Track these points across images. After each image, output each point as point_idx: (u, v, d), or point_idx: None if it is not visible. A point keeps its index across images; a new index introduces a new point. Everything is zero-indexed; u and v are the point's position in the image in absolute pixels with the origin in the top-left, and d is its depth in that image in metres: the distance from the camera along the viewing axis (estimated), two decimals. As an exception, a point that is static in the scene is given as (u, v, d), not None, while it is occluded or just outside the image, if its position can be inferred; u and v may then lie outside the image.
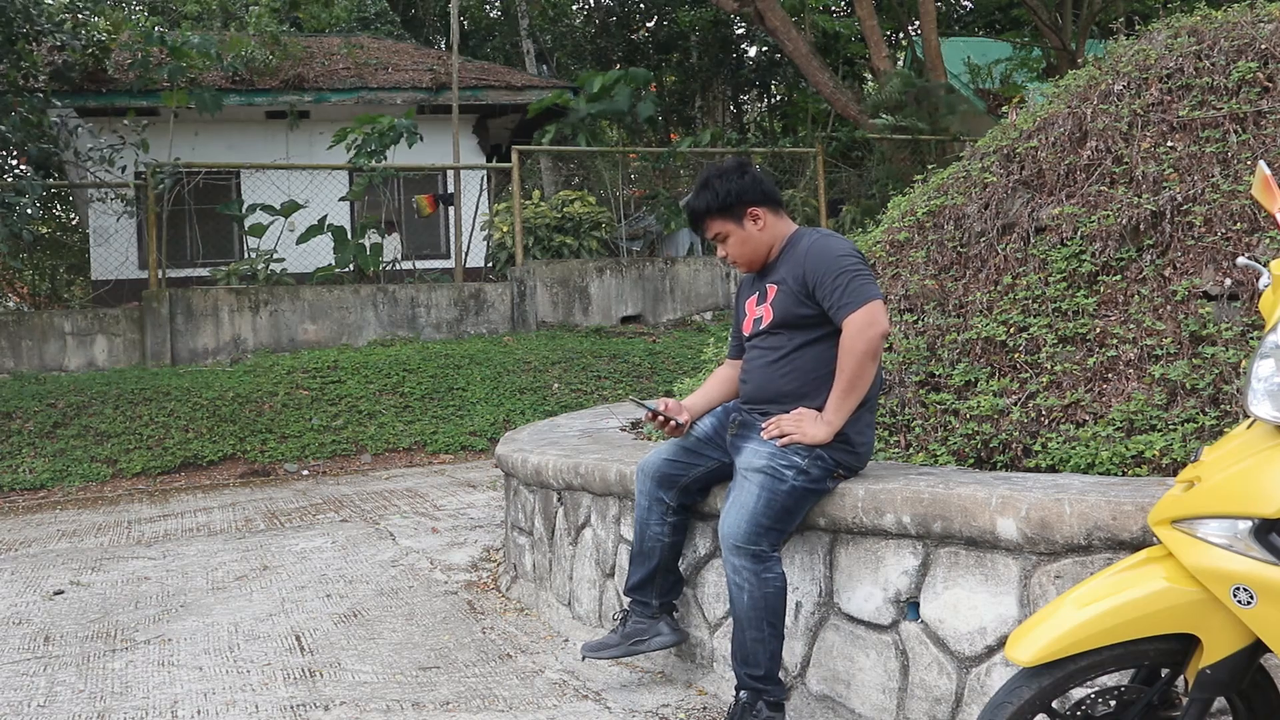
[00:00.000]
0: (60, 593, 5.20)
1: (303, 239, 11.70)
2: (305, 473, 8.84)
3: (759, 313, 3.25)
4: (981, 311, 3.76)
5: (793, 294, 3.13)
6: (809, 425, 3.02)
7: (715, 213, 3.21)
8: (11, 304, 19.56)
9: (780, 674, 3.06)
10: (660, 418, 3.34)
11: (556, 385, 10.17)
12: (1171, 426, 3.01)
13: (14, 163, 12.83)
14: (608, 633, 3.57)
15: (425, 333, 11.49)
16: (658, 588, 3.46)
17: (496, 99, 15.01)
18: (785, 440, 3.03)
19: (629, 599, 3.51)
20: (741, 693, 3.03)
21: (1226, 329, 3.18)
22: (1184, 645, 1.95)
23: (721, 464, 3.31)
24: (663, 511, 3.40)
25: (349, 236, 11.84)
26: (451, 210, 13.06)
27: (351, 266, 11.87)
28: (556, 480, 4.25)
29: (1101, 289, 3.57)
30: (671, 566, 3.48)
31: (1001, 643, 2.61)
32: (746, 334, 3.32)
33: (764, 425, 3.11)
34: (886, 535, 2.92)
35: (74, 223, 20.19)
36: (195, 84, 13.07)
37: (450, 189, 13.43)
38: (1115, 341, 3.36)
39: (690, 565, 3.59)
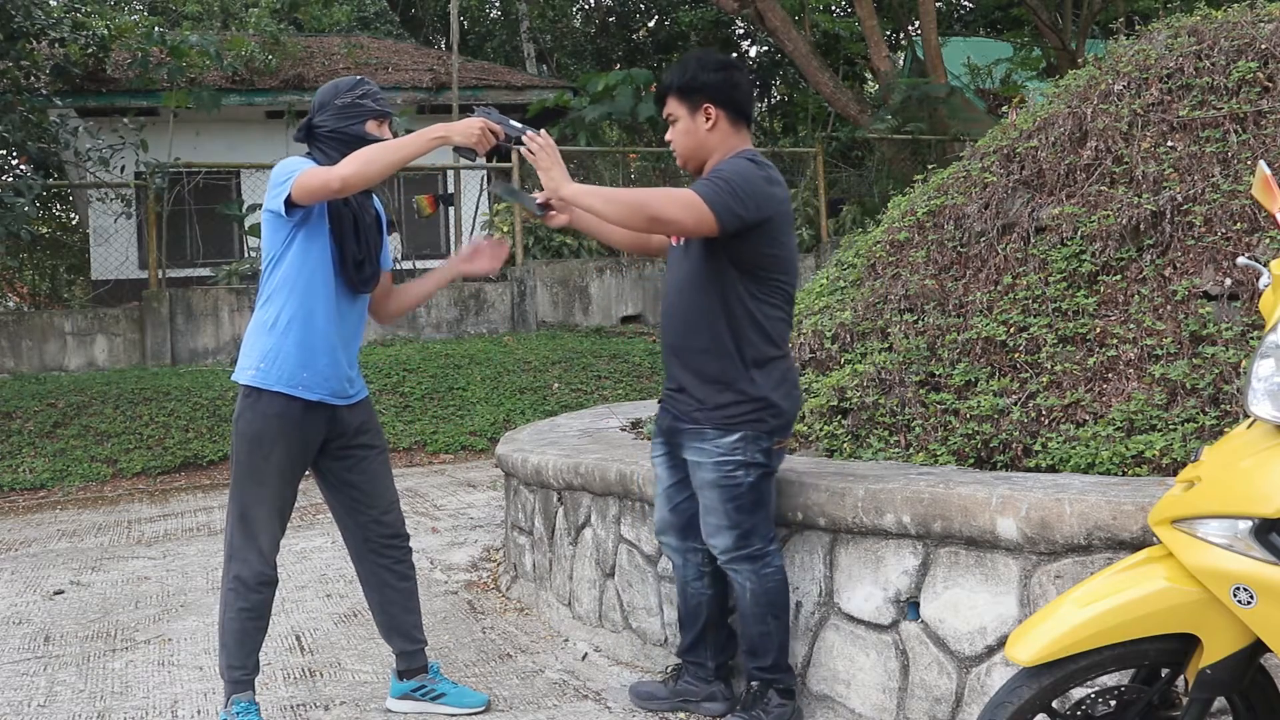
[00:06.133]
0: (60, 592, 5.20)
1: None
2: (305, 472, 8.83)
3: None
4: (981, 311, 3.76)
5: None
6: (559, 173, 2.91)
7: (674, 91, 3.07)
8: (11, 304, 19.55)
9: (788, 662, 3.07)
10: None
11: (556, 385, 10.17)
12: (1171, 426, 3.01)
13: (15, 162, 12.83)
14: (659, 682, 3.40)
15: (425, 332, 11.49)
16: (711, 647, 3.28)
17: (496, 99, 14.99)
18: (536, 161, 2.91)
19: (682, 660, 3.33)
20: (753, 683, 3.06)
21: (1226, 329, 3.18)
22: (1184, 645, 1.95)
23: None
24: (699, 562, 3.21)
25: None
26: (451, 210, 13.06)
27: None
28: (556, 480, 4.25)
29: (1101, 289, 3.57)
30: (720, 621, 3.29)
31: (1001, 642, 2.61)
32: (673, 240, 3.20)
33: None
34: (886, 535, 2.92)
35: (74, 223, 20.18)
36: (195, 84, 13.07)
37: (450, 189, 13.42)
38: (1115, 341, 3.35)
39: (690, 565, 3.59)
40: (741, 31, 21.97)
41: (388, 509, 3.36)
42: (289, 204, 2.99)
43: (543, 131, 3.03)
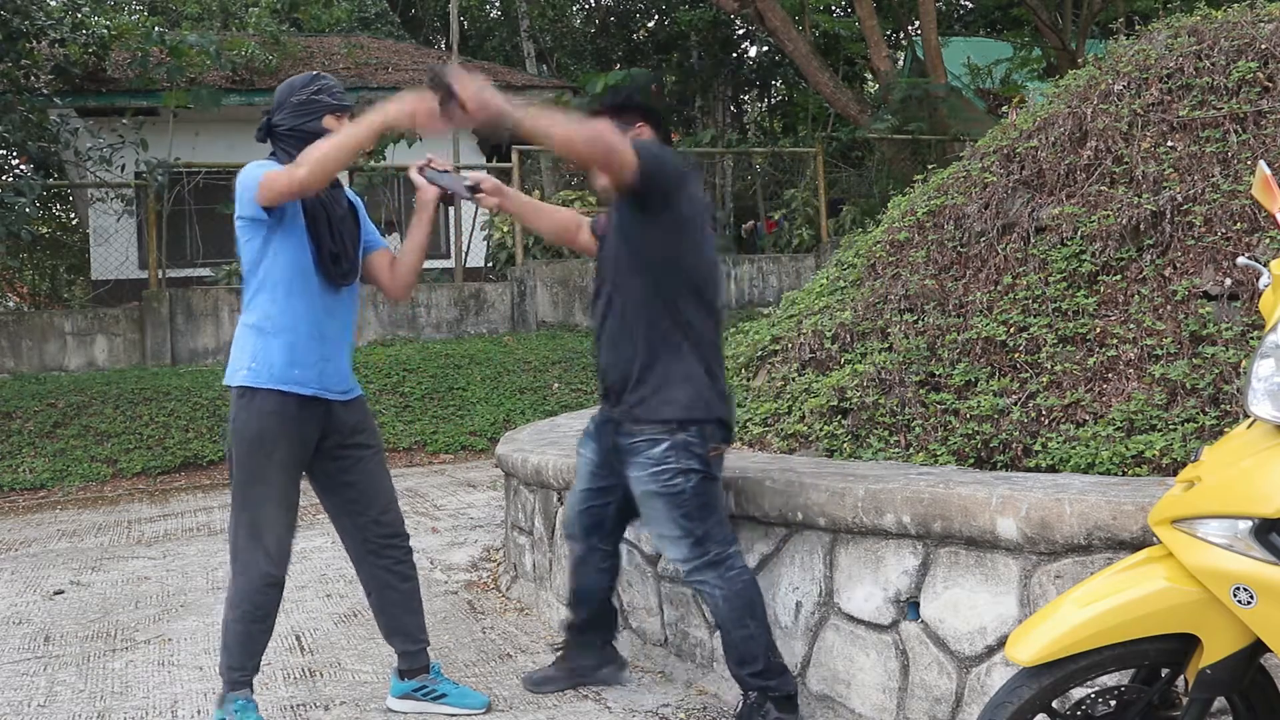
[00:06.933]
0: (60, 592, 5.20)
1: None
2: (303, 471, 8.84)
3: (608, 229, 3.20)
4: (981, 311, 3.76)
5: (621, 209, 3.07)
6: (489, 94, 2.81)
7: (607, 113, 3.13)
8: (11, 304, 19.55)
9: (782, 663, 3.07)
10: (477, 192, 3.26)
11: (556, 385, 10.17)
12: (1171, 426, 3.01)
13: (15, 162, 12.83)
14: (548, 666, 3.61)
15: (425, 332, 11.49)
16: (598, 626, 3.53)
17: (496, 99, 14.98)
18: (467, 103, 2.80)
19: (570, 639, 3.55)
20: (750, 694, 3.04)
21: (1226, 329, 3.18)
22: (1184, 645, 1.95)
23: (624, 484, 3.20)
24: (600, 558, 3.42)
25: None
26: (451, 210, 13.04)
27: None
28: (556, 480, 4.25)
29: (1101, 289, 3.57)
30: (609, 602, 3.54)
31: (1001, 642, 2.61)
32: (599, 233, 3.29)
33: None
34: (886, 535, 2.92)
35: (74, 223, 20.18)
36: (195, 83, 13.07)
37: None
38: (1115, 341, 3.35)
39: (690, 565, 3.59)
40: (741, 31, 21.96)
41: (386, 509, 3.35)
42: (258, 210, 3.03)
43: (485, 175, 3.23)
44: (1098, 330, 3.43)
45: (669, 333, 3.03)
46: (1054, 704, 2.00)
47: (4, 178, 12.03)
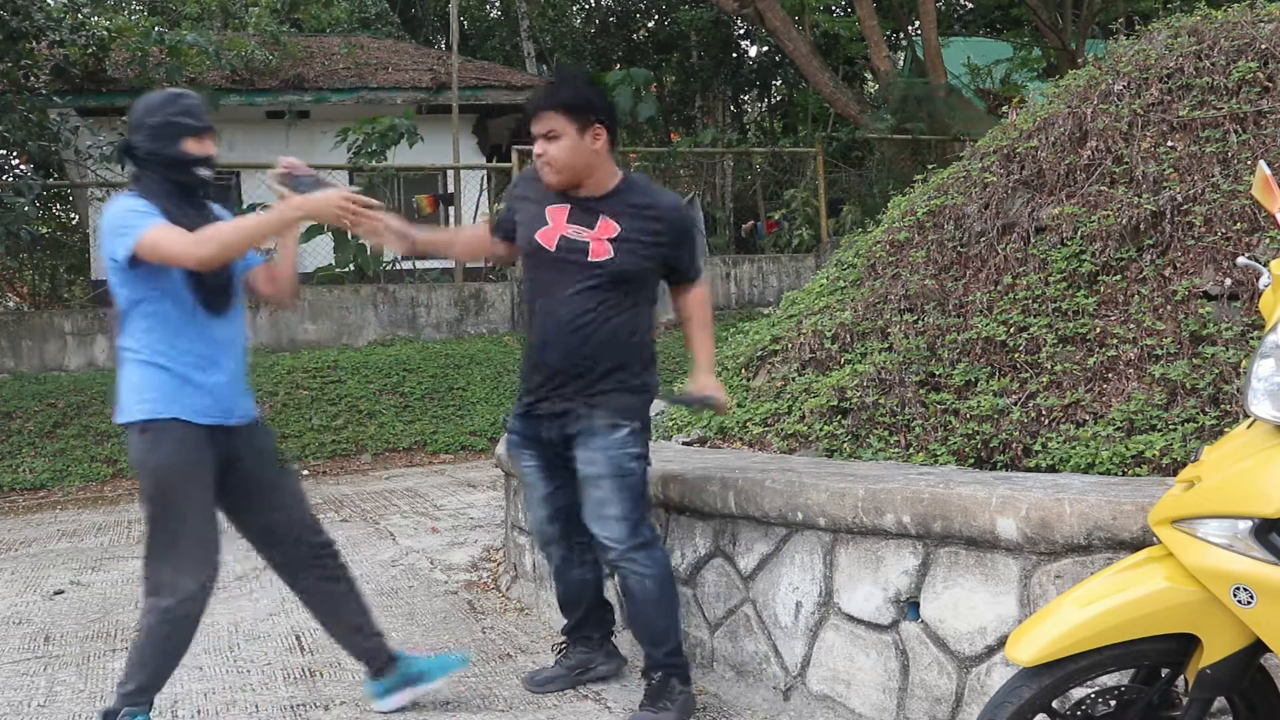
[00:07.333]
0: (60, 592, 5.20)
1: (303, 239, 11.69)
2: (305, 472, 8.84)
3: (582, 235, 3.16)
4: (981, 311, 3.76)
5: (642, 244, 3.17)
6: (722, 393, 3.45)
7: (562, 108, 3.10)
8: (11, 304, 19.54)
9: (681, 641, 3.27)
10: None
11: (556, 385, 10.16)
12: (1171, 426, 3.01)
13: (15, 162, 12.83)
14: (550, 665, 3.61)
15: (425, 332, 11.49)
16: (595, 623, 3.56)
17: (496, 99, 14.99)
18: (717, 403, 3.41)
19: (569, 638, 3.58)
20: (655, 673, 3.16)
21: (1226, 329, 3.18)
22: (1184, 645, 1.95)
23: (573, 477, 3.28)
24: (577, 558, 3.44)
25: (349, 236, 11.84)
26: (452, 210, 13.06)
27: (352, 266, 11.86)
28: (556, 480, 4.24)
29: (1101, 289, 3.57)
30: (600, 599, 3.56)
31: (1001, 642, 2.61)
32: (549, 246, 3.18)
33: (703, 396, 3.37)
34: (886, 535, 2.92)
35: (74, 222, 20.17)
36: (194, 83, 13.06)
37: (450, 189, 13.42)
38: (1115, 341, 3.36)
39: (690, 565, 3.59)
40: (741, 31, 21.96)
41: (311, 522, 3.28)
42: (132, 259, 2.89)
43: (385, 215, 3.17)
44: (1098, 330, 3.43)
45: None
46: (1054, 704, 2.00)
47: (4, 178, 12.02)
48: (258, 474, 3.20)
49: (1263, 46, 3.97)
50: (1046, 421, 3.25)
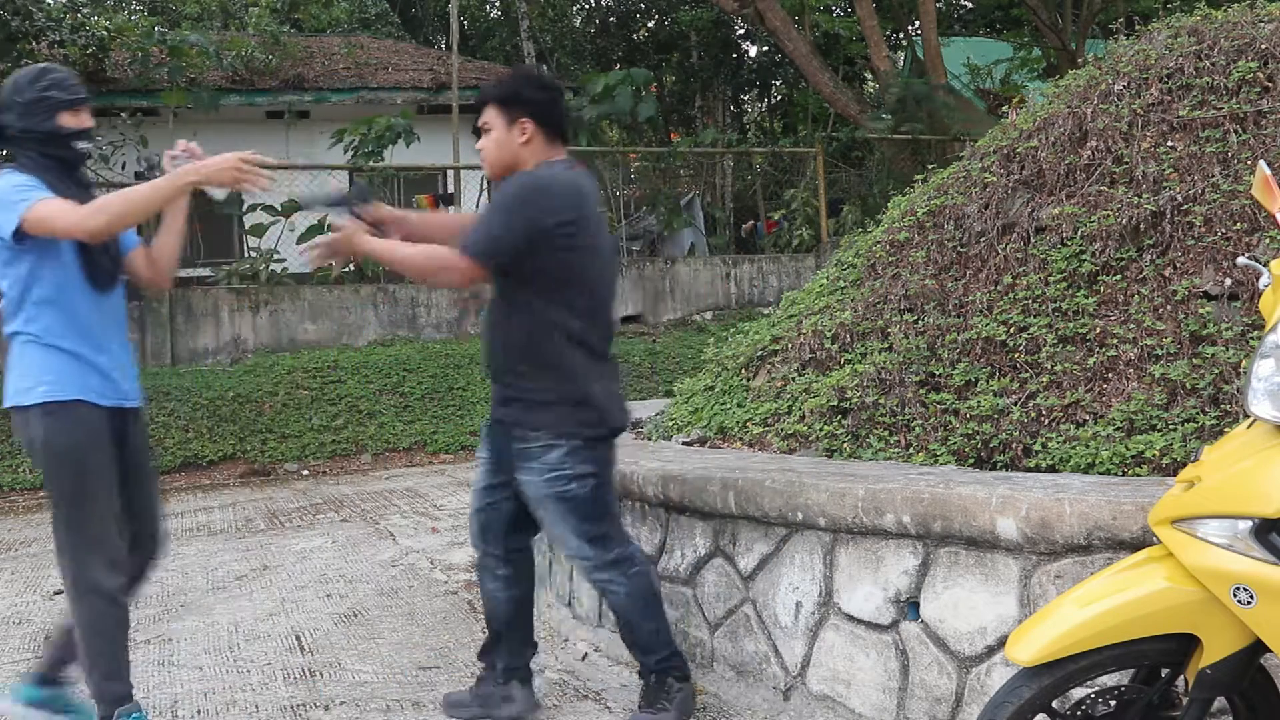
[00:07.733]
0: (60, 592, 5.19)
1: (303, 239, 11.68)
2: (305, 473, 8.84)
3: None
4: (981, 311, 3.76)
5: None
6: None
7: (494, 101, 3.12)
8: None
9: (674, 643, 3.19)
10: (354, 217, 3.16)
11: (556, 385, 10.16)
12: (1171, 426, 3.01)
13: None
14: (466, 690, 3.39)
15: (425, 332, 11.49)
16: (505, 651, 3.27)
17: (496, 98, 14.97)
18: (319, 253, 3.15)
19: (484, 661, 3.35)
20: (650, 676, 3.13)
21: (1226, 329, 3.18)
22: (1184, 645, 1.95)
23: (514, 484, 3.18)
24: (493, 565, 3.25)
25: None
26: (452, 210, 13.05)
27: (352, 266, 11.86)
28: (556, 480, 4.24)
29: (1101, 289, 3.57)
30: (517, 624, 3.29)
31: (1001, 642, 2.61)
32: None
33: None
34: (886, 535, 2.92)
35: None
36: (194, 83, 13.07)
37: (450, 189, 13.43)
38: (1115, 341, 3.35)
39: (690, 565, 3.59)
40: (741, 31, 21.97)
41: (154, 532, 3.23)
42: (19, 234, 2.84)
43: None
44: (1098, 330, 3.43)
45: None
46: (1054, 704, 2.00)
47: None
48: (138, 460, 3.18)
49: (1263, 46, 3.97)
50: (1046, 421, 3.25)
